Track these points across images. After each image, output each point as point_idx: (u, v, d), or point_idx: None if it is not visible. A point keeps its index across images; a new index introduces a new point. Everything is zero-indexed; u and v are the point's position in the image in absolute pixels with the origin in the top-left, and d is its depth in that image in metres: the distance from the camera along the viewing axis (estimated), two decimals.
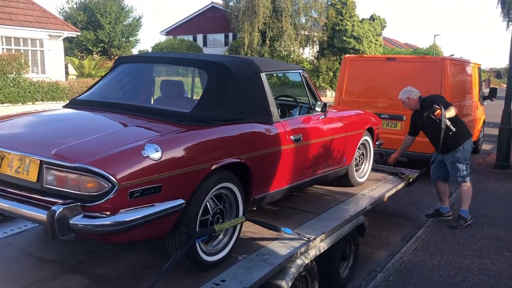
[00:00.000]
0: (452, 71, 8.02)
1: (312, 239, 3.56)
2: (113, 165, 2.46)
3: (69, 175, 2.51)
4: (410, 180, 5.84)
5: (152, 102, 3.58)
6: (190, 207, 2.86)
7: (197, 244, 2.94)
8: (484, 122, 11.07)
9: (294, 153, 3.88)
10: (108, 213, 2.46)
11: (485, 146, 11.95)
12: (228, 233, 3.28)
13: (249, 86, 3.57)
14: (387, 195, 5.19)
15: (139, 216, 2.52)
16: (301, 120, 4.15)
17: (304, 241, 3.51)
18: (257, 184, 3.48)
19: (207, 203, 3.06)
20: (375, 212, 6.16)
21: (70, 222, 2.38)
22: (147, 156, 2.58)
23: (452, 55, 20.97)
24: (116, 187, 2.43)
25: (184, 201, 2.78)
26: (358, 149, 5.25)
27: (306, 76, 4.40)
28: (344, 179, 5.18)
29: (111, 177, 2.42)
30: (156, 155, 2.61)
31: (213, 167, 2.96)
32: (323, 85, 30.71)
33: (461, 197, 5.71)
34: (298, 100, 4.70)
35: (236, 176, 3.26)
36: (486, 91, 11.50)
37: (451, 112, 5.18)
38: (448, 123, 5.18)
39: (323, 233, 3.72)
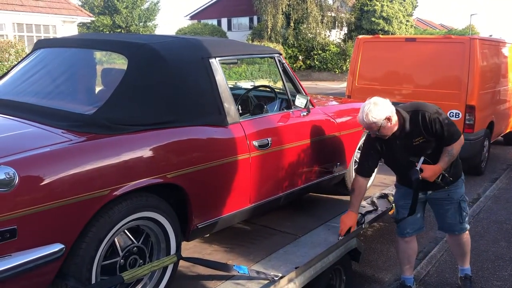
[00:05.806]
0: (482, 52, 6.87)
1: (276, 279, 2.68)
2: None
3: None
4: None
5: (59, 99, 2.70)
6: (79, 251, 2.04)
7: None
8: None
9: (259, 162, 2.98)
10: None
11: None
12: (155, 276, 2.44)
13: (190, 76, 2.67)
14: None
15: None
16: (273, 119, 3.24)
17: (264, 283, 2.64)
18: (200, 209, 2.62)
19: (116, 241, 2.22)
20: (384, 217, 5.19)
21: None
22: None
23: (491, 35, 19.39)
24: None
25: (63, 247, 1.95)
26: (358, 149, 4.30)
27: (284, 62, 3.46)
28: (341, 187, 4.24)
29: None
30: (4, 184, 1.77)
31: (115, 194, 2.10)
32: None
33: (463, 250, 3.62)
34: (278, 93, 3.78)
35: (164, 202, 2.40)
36: None
37: (451, 154, 3.12)
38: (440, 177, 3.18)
39: (294, 269, 2.83)
